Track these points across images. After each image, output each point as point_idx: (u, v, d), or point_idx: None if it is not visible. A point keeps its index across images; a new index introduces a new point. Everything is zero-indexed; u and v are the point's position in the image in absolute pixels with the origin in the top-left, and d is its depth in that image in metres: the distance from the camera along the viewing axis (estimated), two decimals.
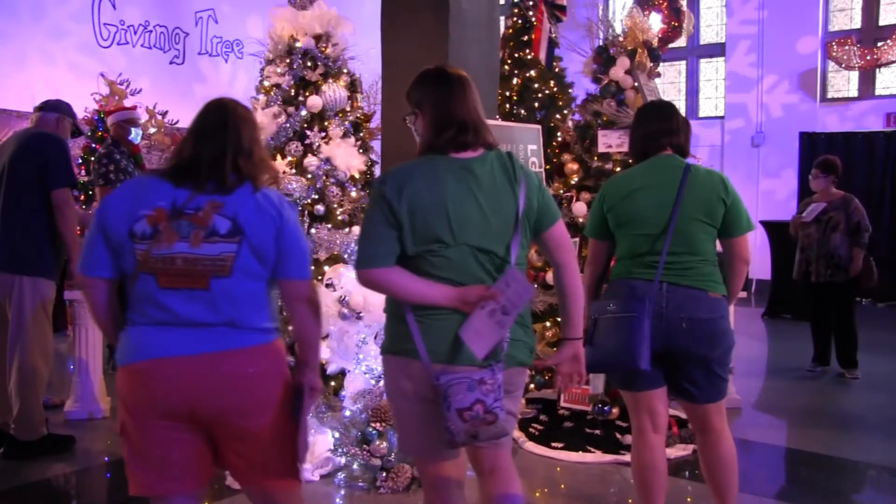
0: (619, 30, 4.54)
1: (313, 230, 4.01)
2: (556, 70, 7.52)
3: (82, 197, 7.14)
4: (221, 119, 2.04)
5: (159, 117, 7.86)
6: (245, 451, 2.02)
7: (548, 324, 4.41)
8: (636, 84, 4.41)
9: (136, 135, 5.45)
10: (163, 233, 1.92)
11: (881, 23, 11.53)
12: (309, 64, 4.16)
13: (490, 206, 2.08)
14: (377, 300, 3.67)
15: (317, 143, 4.10)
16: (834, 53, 11.51)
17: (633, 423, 2.85)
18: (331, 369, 3.74)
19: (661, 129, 2.81)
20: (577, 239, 4.38)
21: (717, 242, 2.77)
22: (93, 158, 5.78)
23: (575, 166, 4.56)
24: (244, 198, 1.97)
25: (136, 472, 2.02)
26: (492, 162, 2.13)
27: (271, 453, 2.03)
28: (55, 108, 4.14)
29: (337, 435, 3.65)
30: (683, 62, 13.18)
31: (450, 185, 2.06)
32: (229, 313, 1.94)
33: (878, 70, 11.54)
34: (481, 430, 1.96)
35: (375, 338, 3.73)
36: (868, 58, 11.27)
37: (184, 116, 8.24)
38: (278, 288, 2.07)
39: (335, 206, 4.09)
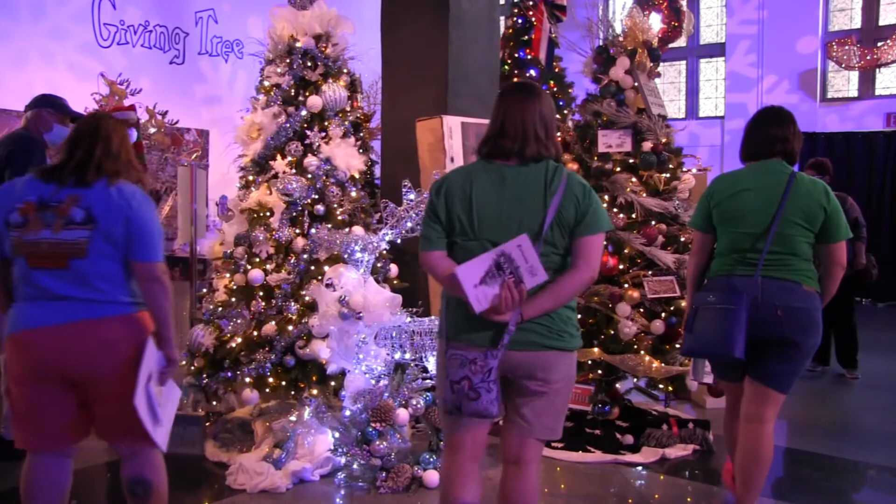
0: (619, 30, 4.53)
1: (313, 230, 4.01)
2: (556, 70, 7.51)
3: None
4: (93, 128, 2.46)
5: (159, 117, 7.83)
6: (104, 409, 2.39)
7: None
8: (636, 84, 4.41)
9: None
10: (31, 222, 2.34)
11: (881, 23, 11.54)
12: (309, 64, 4.16)
13: (515, 209, 2.23)
14: (377, 300, 3.67)
15: (317, 143, 4.10)
16: (834, 53, 11.51)
17: (744, 410, 2.98)
18: (331, 369, 3.74)
19: (778, 135, 2.97)
20: None
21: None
22: None
23: (575, 166, 4.55)
24: (99, 191, 2.37)
25: (17, 430, 2.42)
26: (532, 171, 2.26)
27: (124, 412, 2.34)
28: (30, 106, 4.05)
29: (337, 435, 3.66)
30: (683, 62, 13.18)
31: (480, 185, 2.27)
32: (88, 288, 2.34)
33: (878, 70, 11.54)
34: (464, 404, 2.21)
35: (375, 338, 3.72)
36: (868, 58, 11.27)
37: (184, 116, 8.22)
38: (132, 269, 2.41)
39: (335, 206, 4.09)
